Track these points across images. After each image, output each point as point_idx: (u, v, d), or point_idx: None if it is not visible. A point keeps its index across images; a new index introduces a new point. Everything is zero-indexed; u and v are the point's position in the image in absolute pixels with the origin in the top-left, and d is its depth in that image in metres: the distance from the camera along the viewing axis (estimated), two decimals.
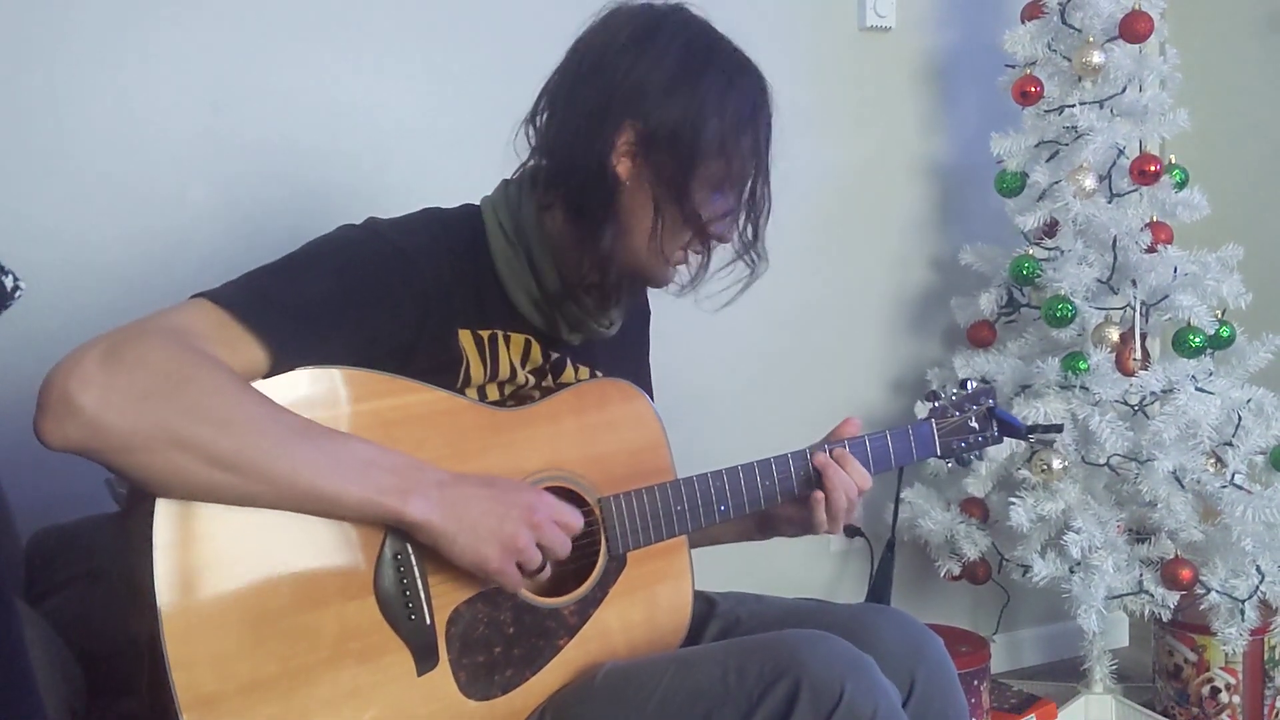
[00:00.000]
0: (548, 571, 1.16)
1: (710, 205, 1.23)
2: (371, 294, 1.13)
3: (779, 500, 1.33)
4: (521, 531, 1.10)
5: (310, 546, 1.04)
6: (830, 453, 1.33)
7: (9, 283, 1.03)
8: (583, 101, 1.21)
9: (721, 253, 1.28)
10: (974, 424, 1.47)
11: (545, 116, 1.26)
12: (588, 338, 1.33)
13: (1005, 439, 1.50)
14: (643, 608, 1.28)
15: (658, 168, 1.20)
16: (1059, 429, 1.73)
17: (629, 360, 1.45)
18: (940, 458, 1.46)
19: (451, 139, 2.00)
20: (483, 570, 1.10)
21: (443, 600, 1.12)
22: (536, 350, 1.29)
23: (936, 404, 1.47)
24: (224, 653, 0.99)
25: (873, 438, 1.39)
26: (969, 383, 1.49)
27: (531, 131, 1.27)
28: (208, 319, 1.04)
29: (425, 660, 1.10)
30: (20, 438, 1.62)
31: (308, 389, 1.07)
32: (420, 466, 1.09)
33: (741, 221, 1.26)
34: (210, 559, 0.99)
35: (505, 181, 1.32)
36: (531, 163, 1.29)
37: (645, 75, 1.19)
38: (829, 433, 1.40)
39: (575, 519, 1.16)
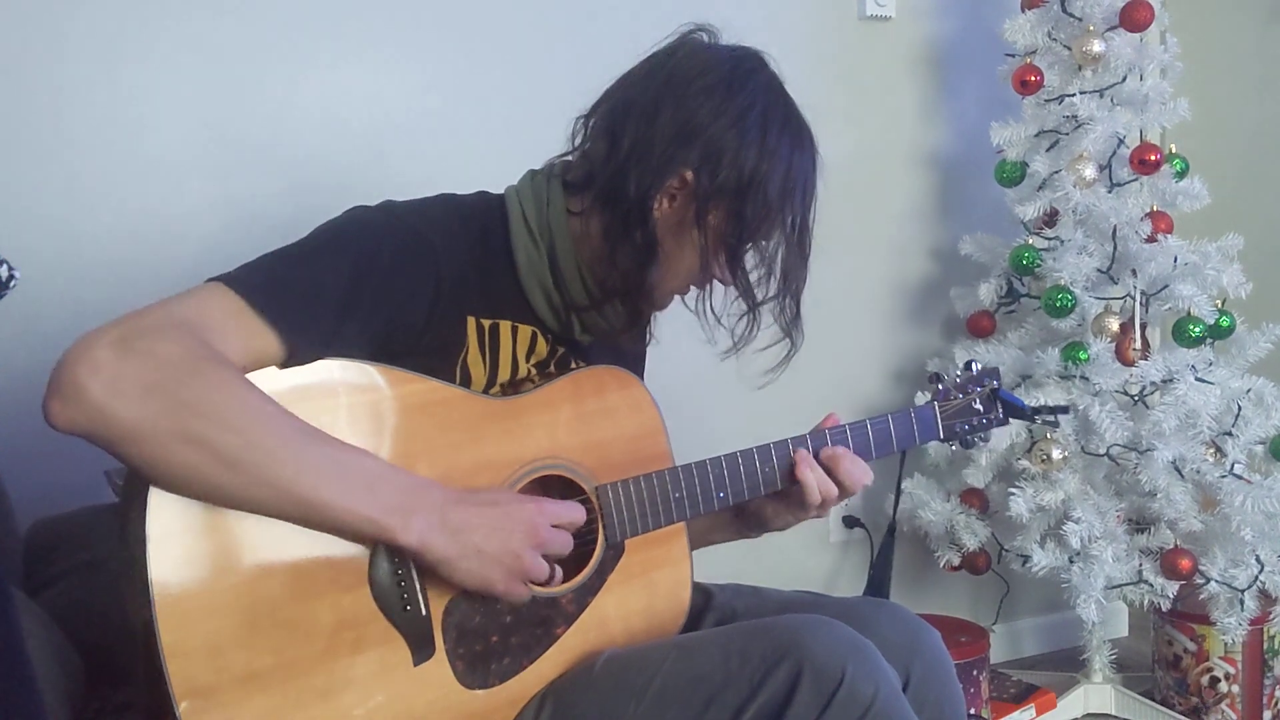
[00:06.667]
0: (559, 575, 1.16)
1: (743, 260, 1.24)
2: (385, 278, 1.13)
3: (779, 486, 1.32)
4: (526, 552, 1.10)
5: (304, 537, 1.03)
6: (819, 455, 1.32)
7: (4, 272, 1.02)
8: (645, 131, 1.20)
9: (768, 333, 1.30)
10: (978, 405, 1.46)
11: (599, 128, 1.24)
12: (598, 339, 1.33)
13: (1010, 421, 1.48)
14: (641, 594, 1.28)
15: (710, 215, 1.21)
16: (1065, 410, 1.72)
17: (630, 360, 1.44)
18: (943, 441, 1.45)
19: (450, 133, 1.99)
20: (489, 593, 1.10)
21: (439, 590, 1.11)
22: (543, 344, 1.29)
23: (940, 386, 1.46)
24: (219, 643, 0.98)
25: (874, 421, 1.38)
26: (973, 364, 1.47)
27: (583, 129, 1.26)
28: (222, 307, 1.04)
29: (421, 650, 1.10)
30: (18, 428, 1.63)
31: (303, 380, 1.06)
32: (426, 488, 1.07)
33: (787, 303, 1.27)
34: (204, 549, 0.99)
35: (532, 172, 1.30)
36: (566, 159, 1.28)
37: (723, 127, 1.19)
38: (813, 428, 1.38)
39: (577, 514, 1.16)
